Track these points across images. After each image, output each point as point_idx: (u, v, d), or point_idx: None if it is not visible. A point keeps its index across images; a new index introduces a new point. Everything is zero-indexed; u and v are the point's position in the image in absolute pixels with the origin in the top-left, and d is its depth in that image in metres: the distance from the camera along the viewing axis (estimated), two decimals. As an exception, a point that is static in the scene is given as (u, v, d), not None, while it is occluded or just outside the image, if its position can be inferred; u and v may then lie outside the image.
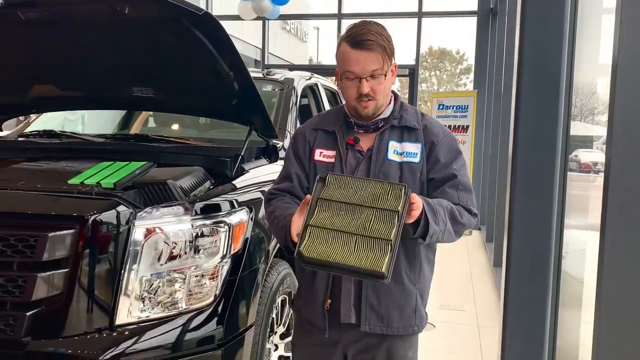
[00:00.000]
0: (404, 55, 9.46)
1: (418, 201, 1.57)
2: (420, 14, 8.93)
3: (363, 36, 1.67)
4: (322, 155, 1.81)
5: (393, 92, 1.86)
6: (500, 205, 5.56)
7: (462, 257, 6.39)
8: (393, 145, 1.77)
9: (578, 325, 2.89)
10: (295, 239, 1.57)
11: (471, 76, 9.30)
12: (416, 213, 1.57)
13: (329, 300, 1.76)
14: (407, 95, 9.93)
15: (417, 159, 1.76)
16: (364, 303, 1.73)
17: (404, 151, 1.76)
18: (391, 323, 1.75)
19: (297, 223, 1.60)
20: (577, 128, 3.45)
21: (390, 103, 1.82)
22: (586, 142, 3.77)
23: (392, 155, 1.76)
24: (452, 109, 7.99)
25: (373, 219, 1.51)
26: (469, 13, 8.71)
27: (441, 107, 8.11)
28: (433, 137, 1.78)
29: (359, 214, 1.52)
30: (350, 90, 1.73)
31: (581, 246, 3.36)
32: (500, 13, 6.81)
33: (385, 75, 1.71)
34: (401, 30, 9.88)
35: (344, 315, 1.76)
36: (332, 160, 1.79)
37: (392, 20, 10.14)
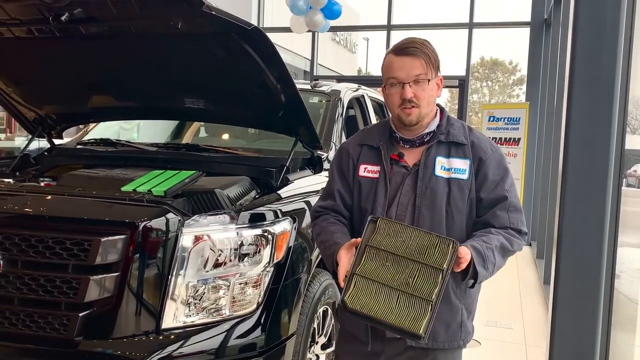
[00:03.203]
0: (454, 66, 9.36)
1: (466, 254, 1.59)
2: (471, 25, 8.81)
3: (407, 45, 1.73)
4: (367, 170, 1.82)
5: (440, 106, 1.86)
6: (552, 220, 5.40)
7: (512, 273, 6.22)
8: (440, 161, 1.76)
9: (632, 348, 2.77)
10: (342, 284, 1.61)
11: (524, 87, 9.08)
12: (464, 265, 1.59)
13: None
14: (457, 107, 9.80)
15: (465, 176, 1.74)
16: None
17: (451, 167, 1.75)
18: (437, 337, 1.75)
19: (343, 263, 1.64)
20: (637, 142, 3.33)
21: (435, 117, 1.81)
22: (646, 156, 3.62)
23: (439, 171, 1.75)
24: (503, 120, 7.83)
25: (417, 275, 1.55)
26: (522, 24, 8.52)
27: (492, 118, 7.95)
28: (481, 153, 1.76)
29: (404, 267, 1.56)
30: (394, 97, 1.75)
31: (638, 265, 3.22)
32: (554, 24, 6.65)
33: (429, 82, 1.72)
34: (452, 41, 9.78)
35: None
36: (377, 175, 1.80)
37: (443, 31, 10.05)
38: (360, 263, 1.59)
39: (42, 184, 2.62)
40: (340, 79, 9.69)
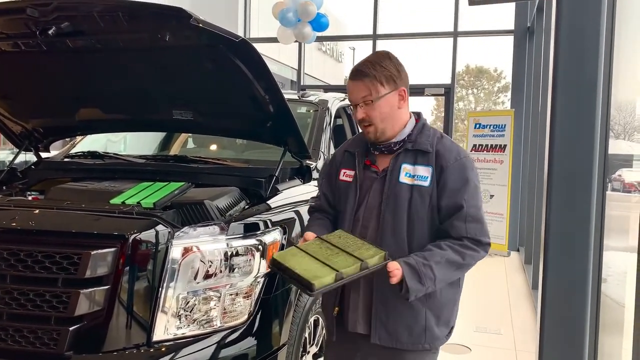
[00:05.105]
0: (439, 74, 9.43)
1: (395, 269, 1.69)
2: (455, 34, 8.90)
3: (356, 68, 1.85)
4: (345, 174, 1.98)
5: (417, 114, 1.94)
6: (539, 226, 5.45)
7: (500, 279, 6.27)
8: (406, 168, 1.84)
9: (619, 351, 2.81)
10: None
11: (509, 94, 9.18)
12: (394, 280, 1.70)
13: (337, 308, 1.93)
14: (443, 114, 9.89)
15: (426, 183, 1.81)
16: (374, 317, 1.84)
17: (415, 174, 1.83)
18: (400, 338, 1.85)
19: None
20: (621, 146, 3.38)
21: (406, 126, 1.89)
22: (630, 160, 3.68)
23: (403, 178, 1.83)
24: (489, 128, 7.91)
25: (340, 257, 1.72)
26: (506, 32, 8.63)
27: (478, 126, 8.03)
28: (443, 161, 1.82)
29: (333, 251, 1.74)
30: (356, 116, 1.89)
31: (624, 269, 3.26)
32: (537, 32, 6.76)
33: (375, 101, 1.82)
34: (437, 49, 9.87)
35: (352, 324, 1.90)
36: (351, 179, 1.92)
37: (428, 40, 10.14)
38: (304, 243, 1.82)
39: (30, 197, 2.60)
40: (328, 88, 9.74)
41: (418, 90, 8.81)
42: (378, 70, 1.82)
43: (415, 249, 1.79)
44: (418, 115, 1.95)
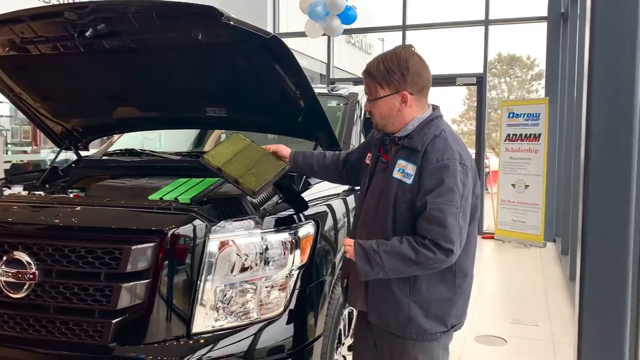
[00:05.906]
0: (471, 63, 9.29)
1: (347, 244, 1.91)
2: (487, 22, 8.75)
3: (367, 64, 2.01)
4: (368, 158, 2.11)
5: (434, 110, 1.96)
6: (576, 216, 5.35)
7: (536, 270, 6.18)
8: (400, 163, 1.89)
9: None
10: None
11: (543, 82, 8.98)
12: (347, 255, 1.93)
13: (346, 280, 2.11)
14: (475, 104, 9.74)
15: (409, 180, 1.85)
16: (370, 297, 1.98)
17: (405, 171, 1.87)
18: (389, 322, 1.95)
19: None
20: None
21: (411, 123, 1.92)
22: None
23: (396, 173, 1.89)
24: (523, 117, 7.78)
25: (240, 167, 2.22)
26: (539, 19, 8.44)
27: (511, 115, 7.91)
28: (425, 162, 1.83)
29: (245, 164, 2.26)
30: None
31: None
32: (571, 17, 6.59)
33: (373, 101, 1.93)
34: (468, 38, 9.72)
35: (352, 300, 2.08)
36: (369, 164, 2.08)
37: (459, 29, 9.99)
38: (255, 145, 2.41)
39: (72, 195, 2.68)
40: (357, 81, 9.70)
41: (449, 80, 8.70)
42: (381, 71, 1.88)
43: None
44: (433, 109, 1.96)
